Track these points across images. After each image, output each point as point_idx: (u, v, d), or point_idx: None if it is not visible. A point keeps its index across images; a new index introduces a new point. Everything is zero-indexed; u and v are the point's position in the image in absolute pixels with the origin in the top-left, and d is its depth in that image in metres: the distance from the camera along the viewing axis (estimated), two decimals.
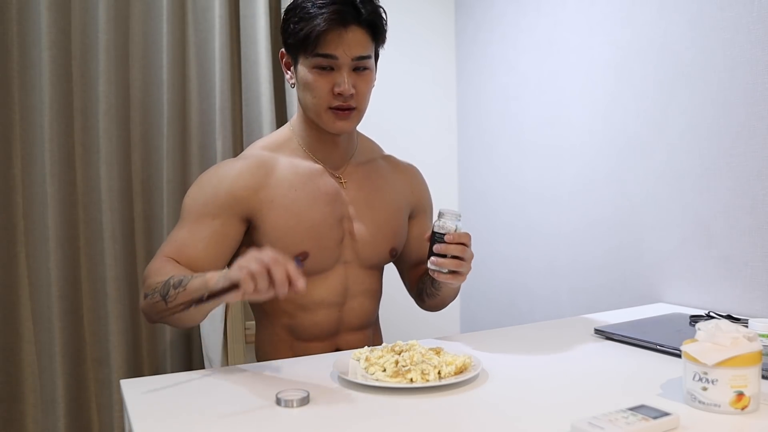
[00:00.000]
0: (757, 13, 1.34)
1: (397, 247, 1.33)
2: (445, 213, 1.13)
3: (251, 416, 0.86)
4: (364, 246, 1.27)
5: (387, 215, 1.31)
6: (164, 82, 1.83)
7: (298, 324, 1.25)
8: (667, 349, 1.10)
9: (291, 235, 1.20)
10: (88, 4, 1.74)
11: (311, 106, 1.19)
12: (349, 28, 1.15)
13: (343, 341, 1.28)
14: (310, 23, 1.13)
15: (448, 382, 0.93)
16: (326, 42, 1.14)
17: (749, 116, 1.36)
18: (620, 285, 1.70)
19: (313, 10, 1.14)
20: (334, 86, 1.16)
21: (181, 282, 1.05)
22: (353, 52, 1.15)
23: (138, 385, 1.00)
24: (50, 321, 1.66)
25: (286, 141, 1.28)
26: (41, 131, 1.66)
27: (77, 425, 1.73)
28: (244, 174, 1.20)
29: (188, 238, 1.17)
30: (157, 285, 1.08)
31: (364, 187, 1.30)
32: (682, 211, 1.52)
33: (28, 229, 1.68)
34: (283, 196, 1.21)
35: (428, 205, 1.43)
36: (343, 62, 1.15)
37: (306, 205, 1.22)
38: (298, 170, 1.24)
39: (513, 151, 2.10)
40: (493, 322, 2.21)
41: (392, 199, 1.33)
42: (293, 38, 1.16)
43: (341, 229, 1.25)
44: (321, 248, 1.22)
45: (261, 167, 1.22)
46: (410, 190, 1.38)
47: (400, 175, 1.38)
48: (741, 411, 0.81)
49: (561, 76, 1.89)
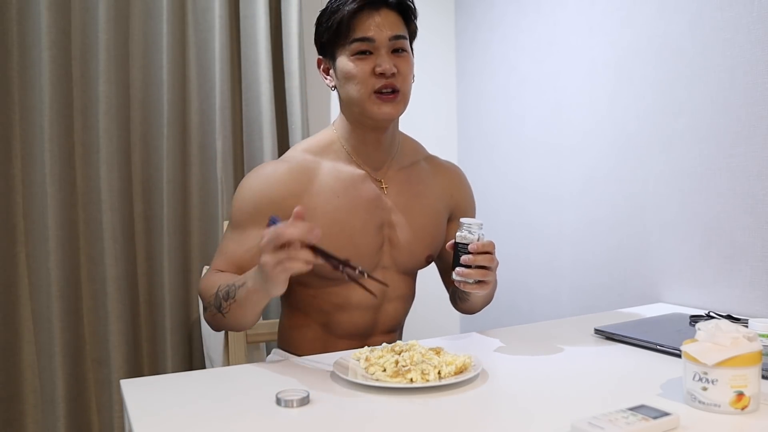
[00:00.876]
0: (757, 13, 1.34)
1: (433, 253, 1.34)
2: (467, 222, 1.12)
3: (251, 416, 0.86)
4: (401, 253, 1.28)
5: (425, 222, 1.31)
6: (164, 82, 1.83)
7: (335, 322, 1.26)
8: (667, 349, 1.09)
9: (332, 243, 1.18)
10: (88, 4, 1.74)
11: (355, 95, 1.18)
12: (381, 11, 1.17)
13: (374, 342, 1.28)
14: (340, 13, 1.16)
15: (448, 382, 0.93)
16: (360, 26, 1.16)
17: (749, 116, 1.36)
18: (620, 285, 1.70)
19: (340, 3, 1.16)
20: (376, 67, 1.16)
21: (228, 293, 1.08)
22: (389, 32, 1.17)
23: (138, 385, 1.00)
24: (50, 321, 1.66)
25: (329, 143, 1.27)
26: (41, 131, 1.66)
27: (77, 425, 1.73)
28: (287, 180, 1.20)
29: (236, 249, 1.20)
30: (211, 298, 1.12)
31: (405, 192, 1.29)
32: (682, 211, 1.52)
33: (28, 229, 1.68)
34: (326, 203, 1.21)
35: (469, 207, 1.43)
36: (380, 44, 1.16)
37: (347, 212, 1.22)
38: (341, 175, 1.23)
39: (513, 151, 2.10)
40: (493, 322, 2.21)
41: (432, 204, 1.33)
42: (327, 34, 1.18)
43: (381, 235, 1.26)
44: (361, 255, 1.22)
45: (304, 173, 1.22)
46: (450, 193, 1.38)
47: (440, 178, 1.37)
48: (741, 411, 0.81)
49: (561, 76, 1.89)
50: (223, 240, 1.24)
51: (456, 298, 1.35)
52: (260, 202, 1.19)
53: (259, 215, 1.18)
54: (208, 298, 1.13)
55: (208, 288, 1.15)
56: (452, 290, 1.37)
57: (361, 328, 1.27)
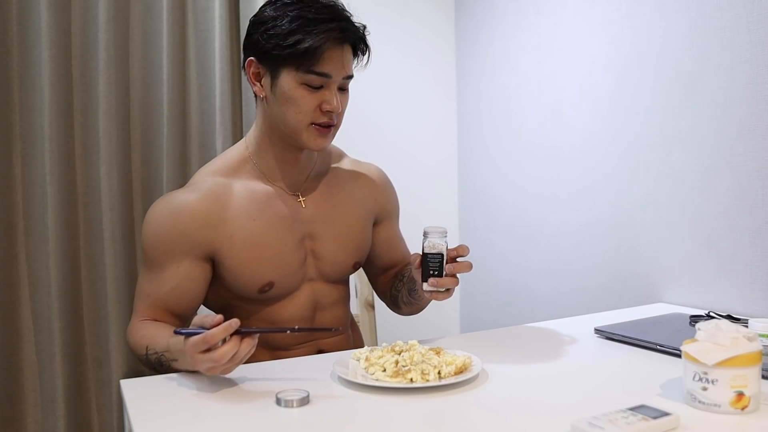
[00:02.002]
0: (757, 13, 1.34)
1: (360, 260, 1.32)
2: (431, 231, 1.09)
3: (251, 416, 0.86)
4: (326, 263, 1.26)
5: (348, 230, 1.28)
6: (164, 82, 1.83)
7: (273, 338, 1.24)
8: (667, 349, 1.10)
9: (254, 268, 1.17)
10: (88, 4, 1.74)
11: (291, 122, 1.13)
12: (344, 47, 1.12)
13: (325, 344, 1.28)
14: (307, 38, 1.07)
15: (448, 382, 0.93)
16: (325, 60, 1.09)
17: (749, 116, 1.36)
18: (620, 285, 1.70)
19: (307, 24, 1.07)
20: (323, 103, 1.12)
21: (160, 362, 1.05)
22: (346, 71, 1.13)
23: (138, 385, 1.00)
24: (50, 321, 1.66)
25: (241, 163, 1.22)
26: (41, 131, 1.66)
27: (77, 425, 1.73)
28: (198, 212, 1.14)
29: (157, 291, 1.15)
30: (142, 357, 1.10)
31: (324, 203, 1.26)
32: (682, 211, 1.52)
33: (28, 229, 1.68)
34: (242, 229, 1.16)
35: (393, 208, 1.39)
36: (335, 81, 1.12)
37: (266, 234, 1.18)
38: (254, 195, 1.19)
39: (513, 152, 2.10)
40: (493, 322, 2.21)
41: (353, 212, 1.29)
42: (279, 49, 1.09)
43: (302, 249, 1.23)
44: (285, 273, 1.20)
45: (216, 201, 1.16)
46: (373, 198, 1.34)
47: (361, 183, 1.33)
48: (741, 411, 0.81)
49: (561, 76, 1.89)
50: (140, 281, 1.18)
51: (399, 303, 1.32)
52: (174, 239, 1.14)
53: (174, 251, 1.14)
54: (140, 355, 1.11)
55: (136, 346, 1.12)
56: (391, 295, 1.34)
57: (302, 339, 1.25)
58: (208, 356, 0.90)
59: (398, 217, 1.41)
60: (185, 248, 1.14)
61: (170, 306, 1.16)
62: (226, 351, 0.90)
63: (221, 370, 0.92)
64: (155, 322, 1.15)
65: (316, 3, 1.11)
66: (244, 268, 1.17)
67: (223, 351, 0.89)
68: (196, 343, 0.90)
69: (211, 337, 0.89)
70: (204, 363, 0.91)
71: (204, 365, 0.92)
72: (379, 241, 1.36)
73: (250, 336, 0.92)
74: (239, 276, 1.17)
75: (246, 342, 0.92)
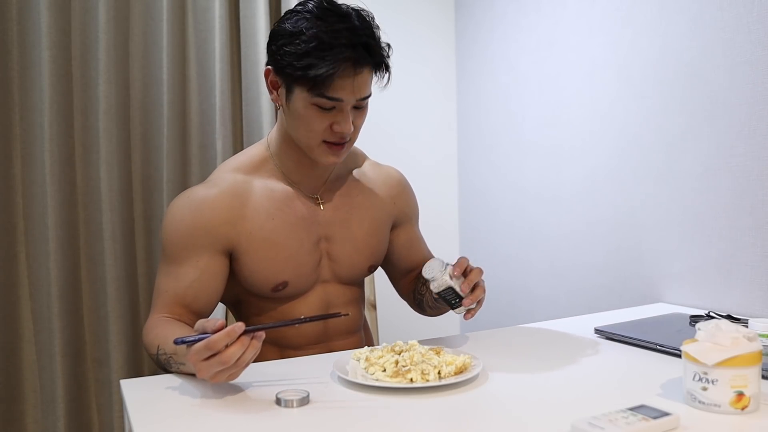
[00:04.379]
0: (757, 13, 1.34)
1: (375, 263, 1.32)
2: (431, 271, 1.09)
3: (251, 416, 0.86)
4: (341, 266, 1.26)
5: (365, 233, 1.28)
6: (164, 82, 1.83)
7: (284, 337, 1.24)
8: (667, 349, 1.10)
9: (269, 266, 1.17)
10: (88, 4, 1.74)
11: (303, 138, 1.14)
12: (359, 71, 1.08)
13: (336, 345, 1.28)
14: (319, 64, 1.04)
15: (448, 382, 0.93)
16: (335, 87, 1.06)
17: (749, 116, 1.36)
18: (620, 285, 1.70)
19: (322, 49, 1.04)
20: (334, 125, 1.10)
21: (169, 363, 1.04)
22: (360, 94, 1.10)
23: (138, 385, 1.00)
24: (50, 321, 1.66)
25: (262, 162, 1.22)
26: (41, 131, 1.66)
27: (77, 425, 1.73)
28: (220, 207, 1.15)
29: (176, 286, 1.14)
30: (153, 356, 1.08)
31: (342, 206, 1.26)
32: (682, 211, 1.52)
33: (28, 229, 1.68)
34: (261, 228, 1.17)
35: (413, 211, 1.39)
36: (347, 104, 1.10)
37: (283, 233, 1.18)
38: (274, 195, 1.20)
39: (513, 152, 2.10)
40: (493, 322, 2.21)
41: (371, 215, 1.29)
42: (292, 69, 1.07)
43: (318, 251, 1.23)
44: (299, 275, 1.20)
45: (236, 197, 1.17)
46: (392, 201, 1.33)
47: (380, 186, 1.33)
48: (741, 411, 0.81)
49: (561, 76, 1.89)
50: (158, 278, 1.17)
51: (425, 306, 1.32)
52: (195, 233, 1.14)
53: (195, 245, 1.13)
54: (151, 354, 1.09)
55: (149, 345, 1.09)
56: (416, 298, 1.34)
57: (313, 338, 1.25)
58: (215, 360, 0.87)
59: (418, 219, 1.41)
60: (206, 242, 1.14)
61: (188, 302, 1.14)
62: (233, 352, 0.87)
63: (227, 375, 0.90)
64: (170, 320, 1.13)
65: (338, 22, 1.07)
66: (260, 266, 1.17)
67: (230, 353, 0.87)
68: (198, 350, 0.88)
69: (213, 344, 0.87)
70: (209, 369, 0.88)
71: (209, 371, 0.89)
72: (399, 244, 1.36)
73: (256, 338, 0.91)
74: (254, 273, 1.18)
75: (252, 344, 0.90)
